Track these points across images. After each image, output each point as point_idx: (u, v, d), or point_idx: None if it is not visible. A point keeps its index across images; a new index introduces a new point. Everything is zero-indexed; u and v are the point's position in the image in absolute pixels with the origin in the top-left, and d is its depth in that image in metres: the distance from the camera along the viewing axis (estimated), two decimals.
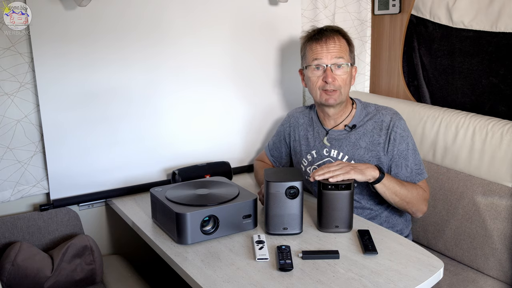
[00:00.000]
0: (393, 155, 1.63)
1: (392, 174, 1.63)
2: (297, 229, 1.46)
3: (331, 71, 1.63)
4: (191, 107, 1.97)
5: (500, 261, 1.61)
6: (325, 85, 1.64)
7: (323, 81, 1.64)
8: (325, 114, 1.74)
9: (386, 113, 1.67)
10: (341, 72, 1.64)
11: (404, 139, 1.63)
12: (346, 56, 1.65)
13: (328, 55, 1.63)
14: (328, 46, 1.63)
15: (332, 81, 1.62)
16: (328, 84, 1.63)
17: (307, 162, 1.79)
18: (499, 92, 1.76)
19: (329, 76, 1.62)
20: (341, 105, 1.70)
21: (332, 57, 1.63)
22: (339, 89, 1.64)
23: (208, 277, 1.25)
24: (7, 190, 1.69)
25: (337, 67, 1.63)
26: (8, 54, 1.61)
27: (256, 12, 2.05)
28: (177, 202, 1.46)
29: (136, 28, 1.80)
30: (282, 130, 1.92)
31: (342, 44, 1.65)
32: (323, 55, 1.63)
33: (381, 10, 2.18)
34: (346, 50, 1.66)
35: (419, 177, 1.63)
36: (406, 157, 1.63)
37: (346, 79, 1.65)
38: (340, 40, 1.65)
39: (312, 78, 1.67)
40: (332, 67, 1.63)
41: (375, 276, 1.23)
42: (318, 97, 1.68)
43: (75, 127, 1.76)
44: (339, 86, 1.64)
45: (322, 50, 1.64)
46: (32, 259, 1.55)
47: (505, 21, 1.70)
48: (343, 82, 1.64)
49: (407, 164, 1.62)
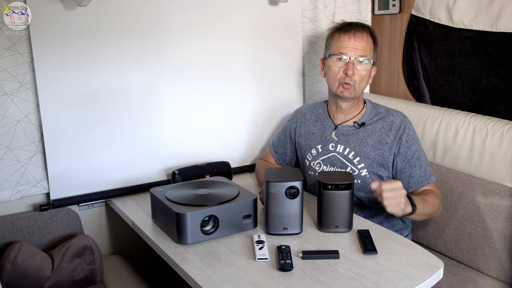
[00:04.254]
0: (406, 156, 1.65)
1: (407, 174, 1.65)
2: (297, 229, 1.46)
3: (353, 65, 1.65)
4: (191, 107, 1.97)
5: (500, 261, 1.61)
6: (344, 77, 1.65)
7: (343, 73, 1.66)
8: (337, 107, 1.75)
9: (396, 115, 1.70)
10: (362, 68, 1.66)
11: (415, 141, 1.66)
12: (369, 54, 1.67)
13: (353, 49, 1.65)
14: (356, 40, 1.65)
15: (352, 74, 1.64)
16: (347, 76, 1.64)
17: (311, 156, 1.79)
18: (499, 92, 1.76)
19: (349, 69, 1.64)
20: (354, 100, 1.72)
21: (357, 52, 1.65)
22: (355, 84, 1.66)
23: (208, 277, 1.25)
24: (7, 190, 1.69)
25: (359, 62, 1.65)
26: (8, 54, 1.61)
27: (256, 12, 2.05)
28: (177, 202, 1.46)
29: (136, 27, 1.80)
30: (288, 126, 1.93)
31: (368, 41, 1.67)
32: (349, 48, 1.65)
33: (381, 10, 2.18)
34: (371, 48, 1.68)
35: (432, 178, 1.65)
36: (419, 157, 1.65)
37: (365, 75, 1.67)
38: (367, 37, 1.67)
39: (333, 68, 1.68)
40: (354, 61, 1.65)
41: (375, 276, 1.23)
42: (335, 88, 1.70)
43: (75, 127, 1.76)
44: (356, 81, 1.66)
45: (349, 43, 1.65)
46: (32, 259, 1.55)
47: (505, 21, 1.70)
48: (361, 78, 1.66)
49: (420, 165, 1.65)
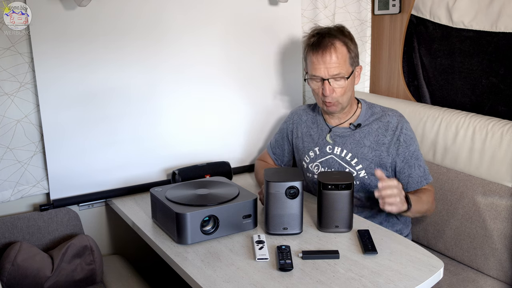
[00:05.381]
0: (405, 156, 1.65)
1: (406, 175, 1.65)
2: (297, 229, 1.46)
3: (329, 84, 1.62)
4: (191, 107, 1.97)
5: (500, 261, 1.61)
6: (324, 97, 1.65)
7: (322, 94, 1.65)
8: (329, 114, 1.75)
9: (392, 114, 1.69)
10: (338, 85, 1.63)
11: (413, 140, 1.66)
12: (344, 68, 1.62)
13: (325, 69, 1.62)
14: (325, 60, 1.61)
15: (330, 94, 1.63)
16: (326, 96, 1.64)
17: (309, 159, 1.79)
18: (499, 92, 1.76)
19: (327, 90, 1.63)
20: (344, 109, 1.72)
21: (329, 71, 1.62)
22: (337, 100, 1.65)
23: (208, 277, 1.25)
24: (7, 190, 1.69)
25: (335, 80, 1.63)
26: (8, 54, 1.61)
27: (256, 12, 2.05)
28: (177, 202, 1.46)
29: (136, 27, 1.80)
30: (285, 127, 1.93)
31: (339, 55, 1.61)
32: (321, 70, 1.62)
33: (381, 10, 2.18)
34: (344, 61, 1.63)
35: (429, 177, 1.66)
36: (417, 157, 1.65)
37: (346, 87, 1.64)
38: (337, 51, 1.61)
39: (313, 87, 1.69)
40: (330, 80, 1.62)
41: (375, 276, 1.23)
42: (321, 105, 1.71)
43: (75, 127, 1.75)
44: (337, 97, 1.64)
45: (319, 65, 1.62)
46: (32, 259, 1.55)
47: (505, 21, 1.70)
48: (342, 93, 1.64)
49: (419, 164, 1.65)
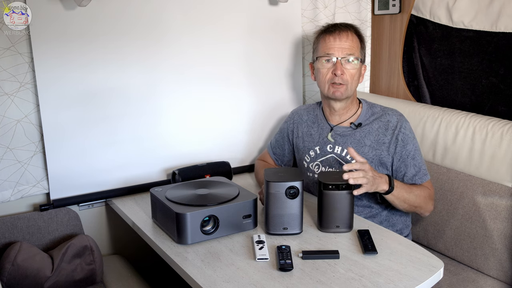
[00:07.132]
0: (402, 155, 1.65)
1: (401, 174, 1.65)
2: (297, 229, 1.46)
3: (341, 64, 1.65)
4: (191, 107, 1.97)
5: (500, 261, 1.61)
6: (333, 78, 1.66)
7: (332, 73, 1.66)
8: (331, 109, 1.75)
9: (392, 114, 1.70)
10: (351, 66, 1.66)
11: (411, 140, 1.66)
12: (357, 52, 1.68)
13: (340, 49, 1.65)
14: (341, 40, 1.66)
15: (341, 74, 1.65)
16: (336, 76, 1.65)
17: (309, 158, 1.79)
18: (499, 92, 1.76)
19: (338, 69, 1.64)
20: (347, 100, 1.72)
21: (343, 51, 1.65)
22: (346, 83, 1.66)
23: (208, 277, 1.25)
24: (7, 190, 1.69)
25: (347, 62, 1.66)
26: (8, 54, 1.61)
27: (256, 12, 2.05)
28: (177, 202, 1.46)
29: (136, 27, 1.80)
30: (285, 127, 1.93)
31: (354, 40, 1.68)
32: (335, 48, 1.66)
33: (381, 10, 2.18)
34: (357, 47, 1.68)
35: (425, 177, 1.65)
36: (414, 157, 1.65)
37: (355, 74, 1.67)
38: (352, 36, 1.68)
39: (321, 70, 1.69)
40: (342, 61, 1.65)
41: (375, 276, 1.23)
42: (326, 90, 1.70)
43: (75, 127, 1.75)
44: (347, 80, 1.66)
45: (334, 43, 1.66)
46: (32, 259, 1.55)
47: (505, 21, 1.70)
48: (351, 77, 1.66)
49: (415, 164, 1.65)
